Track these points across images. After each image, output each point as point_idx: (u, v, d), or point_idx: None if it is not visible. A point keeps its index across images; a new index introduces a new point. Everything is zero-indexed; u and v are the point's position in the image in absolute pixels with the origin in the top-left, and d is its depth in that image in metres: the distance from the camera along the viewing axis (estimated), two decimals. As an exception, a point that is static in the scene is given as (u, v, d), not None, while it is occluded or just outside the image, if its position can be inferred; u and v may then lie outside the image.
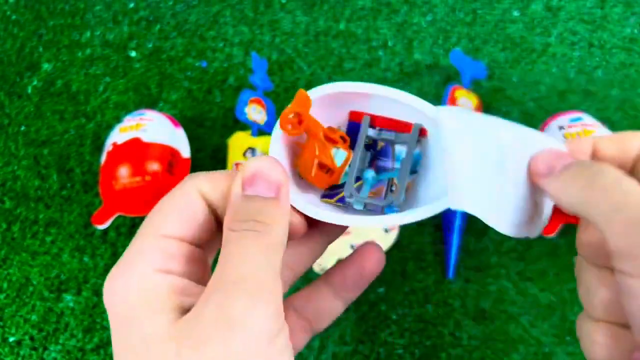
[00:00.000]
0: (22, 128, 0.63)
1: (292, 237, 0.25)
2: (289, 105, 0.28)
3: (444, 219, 0.53)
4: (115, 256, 0.55)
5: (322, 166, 0.28)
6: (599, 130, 0.51)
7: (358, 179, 0.29)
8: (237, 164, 0.54)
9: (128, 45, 0.68)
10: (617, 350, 0.22)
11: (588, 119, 0.52)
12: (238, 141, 0.56)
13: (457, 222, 0.52)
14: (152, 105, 0.63)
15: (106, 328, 0.51)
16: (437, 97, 0.61)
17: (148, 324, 0.20)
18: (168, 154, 0.53)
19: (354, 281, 0.28)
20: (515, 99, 0.61)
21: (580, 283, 0.24)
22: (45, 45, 0.69)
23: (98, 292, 0.53)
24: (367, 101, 0.29)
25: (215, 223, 0.24)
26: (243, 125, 0.61)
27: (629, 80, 0.60)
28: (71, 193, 0.59)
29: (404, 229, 0.54)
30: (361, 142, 0.29)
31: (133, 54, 0.67)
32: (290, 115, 0.27)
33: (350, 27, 0.67)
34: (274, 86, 0.63)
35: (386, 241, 0.52)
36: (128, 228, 0.56)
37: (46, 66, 0.67)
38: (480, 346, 0.48)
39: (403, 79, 0.63)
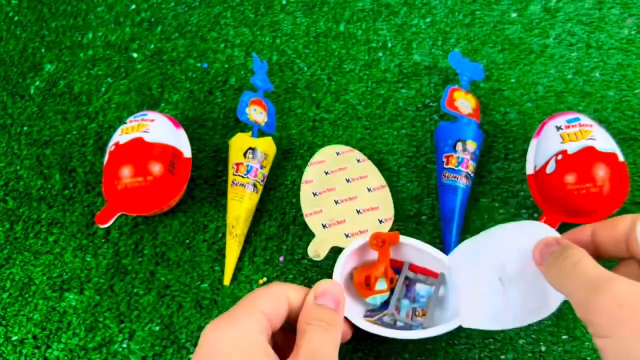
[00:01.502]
0: (25, 128, 0.64)
1: (343, 338, 0.40)
2: (384, 232, 0.46)
3: (442, 218, 0.53)
4: (117, 255, 0.55)
5: (367, 279, 0.45)
6: (595, 130, 0.51)
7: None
8: (237, 164, 0.55)
9: (130, 46, 0.68)
10: None
11: (585, 120, 0.52)
12: (239, 142, 0.56)
13: (456, 219, 0.52)
14: (153, 106, 0.64)
15: (108, 327, 0.52)
16: (435, 98, 0.62)
17: None
18: (170, 154, 0.53)
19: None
20: (513, 100, 0.61)
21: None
22: (47, 46, 0.69)
23: (100, 291, 0.53)
24: (403, 249, 0.48)
25: (284, 320, 0.38)
26: (244, 125, 0.62)
27: (626, 81, 0.61)
28: (73, 193, 0.59)
29: (403, 229, 0.54)
30: (402, 280, 0.47)
31: (135, 55, 0.68)
32: (375, 241, 0.46)
33: (350, 29, 0.68)
34: (274, 87, 0.64)
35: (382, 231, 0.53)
36: (130, 227, 0.56)
37: (48, 67, 0.68)
38: (477, 345, 0.48)
39: (402, 80, 0.63)
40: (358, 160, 0.57)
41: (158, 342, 0.51)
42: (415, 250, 0.47)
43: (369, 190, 0.54)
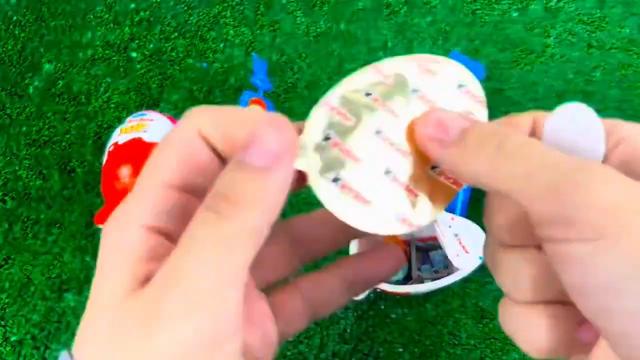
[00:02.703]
0: (24, 128, 0.64)
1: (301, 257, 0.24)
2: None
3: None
4: (116, 256, 0.55)
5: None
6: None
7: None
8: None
9: (129, 46, 0.68)
10: (560, 331, 0.19)
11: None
12: (238, 141, 0.56)
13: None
14: (153, 105, 0.64)
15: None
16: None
17: (108, 284, 0.18)
18: (169, 154, 0.53)
19: (367, 279, 0.26)
20: (514, 100, 0.61)
21: (499, 269, 0.21)
22: (46, 46, 0.69)
23: (99, 292, 0.53)
24: None
25: (223, 166, 0.19)
26: (243, 125, 0.62)
27: (627, 80, 0.61)
28: (72, 193, 0.59)
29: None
30: (414, 251, 0.55)
31: (134, 54, 0.67)
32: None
33: (351, 28, 0.67)
34: (274, 87, 0.63)
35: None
36: (129, 228, 0.56)
37: (47, 67, 0.67)
38: (479, 345, 0.48)
39: (403, 80, 0.63)
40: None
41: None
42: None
43: None
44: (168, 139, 0.20)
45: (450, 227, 0.50)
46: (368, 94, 0.23)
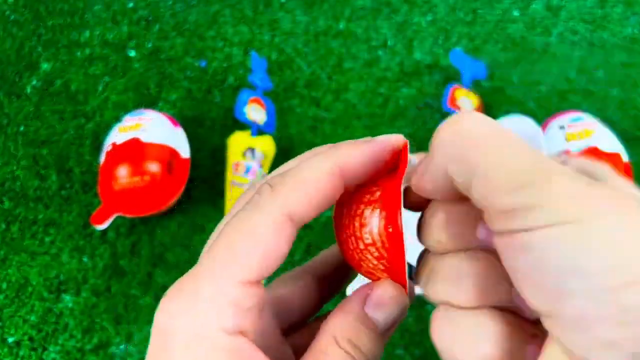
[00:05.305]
0: (21, 128, 0.63)
1: None
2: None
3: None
4: (114, 256, 0.54)
5: None
6: (599, 130, 0.50)
7: None
8: (236, 164, 0.54)
9: (127, 44, 0.68)
10: (508, 340, 0.18)
11: (588, 119, 0.52)
12: (237, 141, 0.55)
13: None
14: (151, 105, 0.63)
15: (105, 329, 0.51)
16: (437, 97, 0.61)
17: None
18: (167, 154, 0.53)
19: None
20: (515, 99, 0.60)
21: (437, 276, 0.20)
22: (44, 45, 0.68)
23: (97, 293, 0.53)
24: None
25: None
26: (242, 125, 0.61)
27: (629, 80, 0.60)
28: (70, 193, 0.59)
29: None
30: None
31: (132, 53, 0.67)
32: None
33: (350, 27, 0.67)
34: (273, 86, 0.63)
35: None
36: (127, 228, 0.56)
37: (45, 66, 0.67)
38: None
39: (403, 79, 0.63)
40: None
41: (156, 344, 0.50)
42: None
43: None
44: (252, 225, 0.18)
45: None
46: None
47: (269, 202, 0.18)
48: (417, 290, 0.20)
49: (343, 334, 0.18)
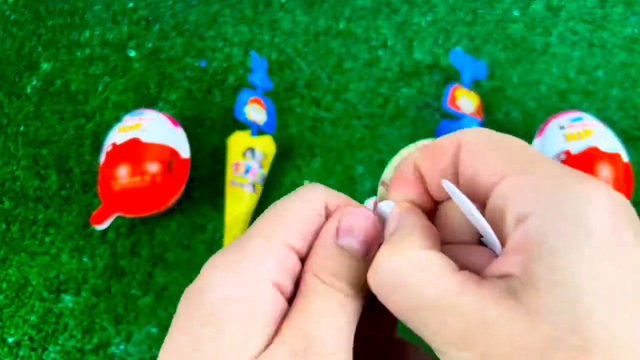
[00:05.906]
0: (21, 128, 0.63)
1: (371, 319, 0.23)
2: None
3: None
4: (114, 256, 0.54)
5: None
6: (599, 130, 0.50)
7: None
8: (236, 164, 0.54)
9: (127, 45, 0.68)
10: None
11: (588, 119, 0.52)
12: (237, 141, 0.55)
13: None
14: (151, 105, 0.63)
15: (105, 329, 0.51)
16: (437, 97, 0.61)
17: (236, 346, 0.18)
18: (167, 154, 0.53)
19: None
20: (515, 99, 0.60)
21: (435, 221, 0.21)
22: (44, 45, 0.68)
23: (97, 293, 0.53)
24: None
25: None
26: (242, 125, 0.61)
27: (629, 80, 0.60)
28: (70, 193, 0.59)
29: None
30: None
31: (132, 53, 0.67)
32: None
33: (350, 27, 0.67)
34: (273, 86, 0.63)
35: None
36: (127, 228, 0.56)
37: (45, 66, 0.67)
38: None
39: (403, 79, 0.63)
40: None
41: (156, 344, 0.50)
42: None
43: None
44: (295, 202, 0.21)
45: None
46: None
47: (314, 191, 0.21)
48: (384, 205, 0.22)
49: (325, 270, 0.20)
